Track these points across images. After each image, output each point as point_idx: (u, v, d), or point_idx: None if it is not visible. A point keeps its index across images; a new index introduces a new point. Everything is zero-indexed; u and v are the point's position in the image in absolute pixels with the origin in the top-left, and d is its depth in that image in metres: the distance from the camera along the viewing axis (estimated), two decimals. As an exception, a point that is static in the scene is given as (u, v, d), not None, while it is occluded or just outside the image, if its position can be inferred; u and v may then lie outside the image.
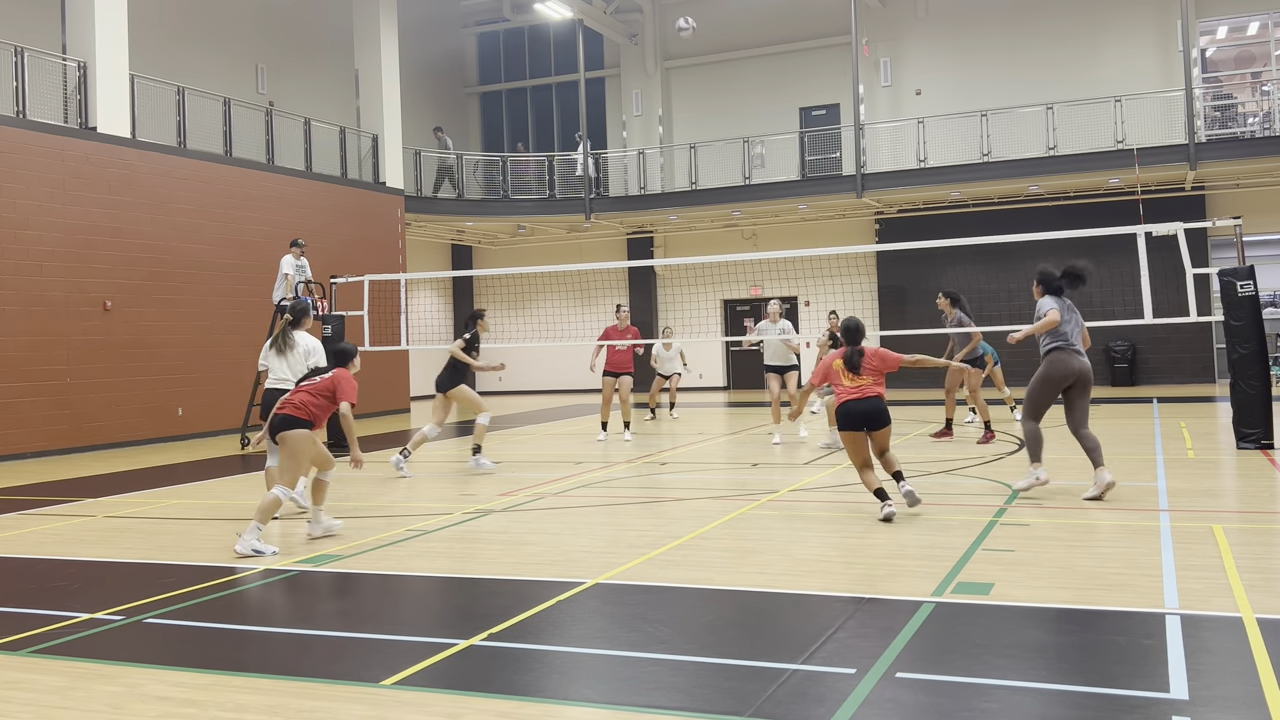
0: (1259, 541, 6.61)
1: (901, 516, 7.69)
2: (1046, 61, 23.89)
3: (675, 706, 3.98)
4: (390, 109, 23.09)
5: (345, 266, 18.53)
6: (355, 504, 9.41)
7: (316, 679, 4.44)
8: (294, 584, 6.39)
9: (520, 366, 29.83)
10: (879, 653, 4.49)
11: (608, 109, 28.75)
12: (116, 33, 16.63)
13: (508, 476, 11.05)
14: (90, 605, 5.88)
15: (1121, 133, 21.92)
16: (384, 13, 22.91)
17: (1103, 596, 5.31)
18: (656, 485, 10.15)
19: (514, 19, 29.19)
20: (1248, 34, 23.40)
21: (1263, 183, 22.24)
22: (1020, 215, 23.43)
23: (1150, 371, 23.23)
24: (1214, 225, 12.92)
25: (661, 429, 16.86)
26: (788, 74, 26.56)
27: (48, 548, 7.81)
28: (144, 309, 16.83)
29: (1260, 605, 5.02)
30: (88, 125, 16.29)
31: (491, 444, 14.64)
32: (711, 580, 5.99)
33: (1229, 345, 11.42)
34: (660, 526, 7.80)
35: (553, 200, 26.39)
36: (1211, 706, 3.78)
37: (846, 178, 23.94)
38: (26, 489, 11.38)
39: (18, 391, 14.93)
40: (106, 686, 4.43)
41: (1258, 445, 10.95)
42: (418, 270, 25.87)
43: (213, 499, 10.12)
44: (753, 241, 26.75)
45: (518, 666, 4.55)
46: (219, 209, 18.41)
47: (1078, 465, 10.31)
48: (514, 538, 7.51)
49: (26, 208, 15.20)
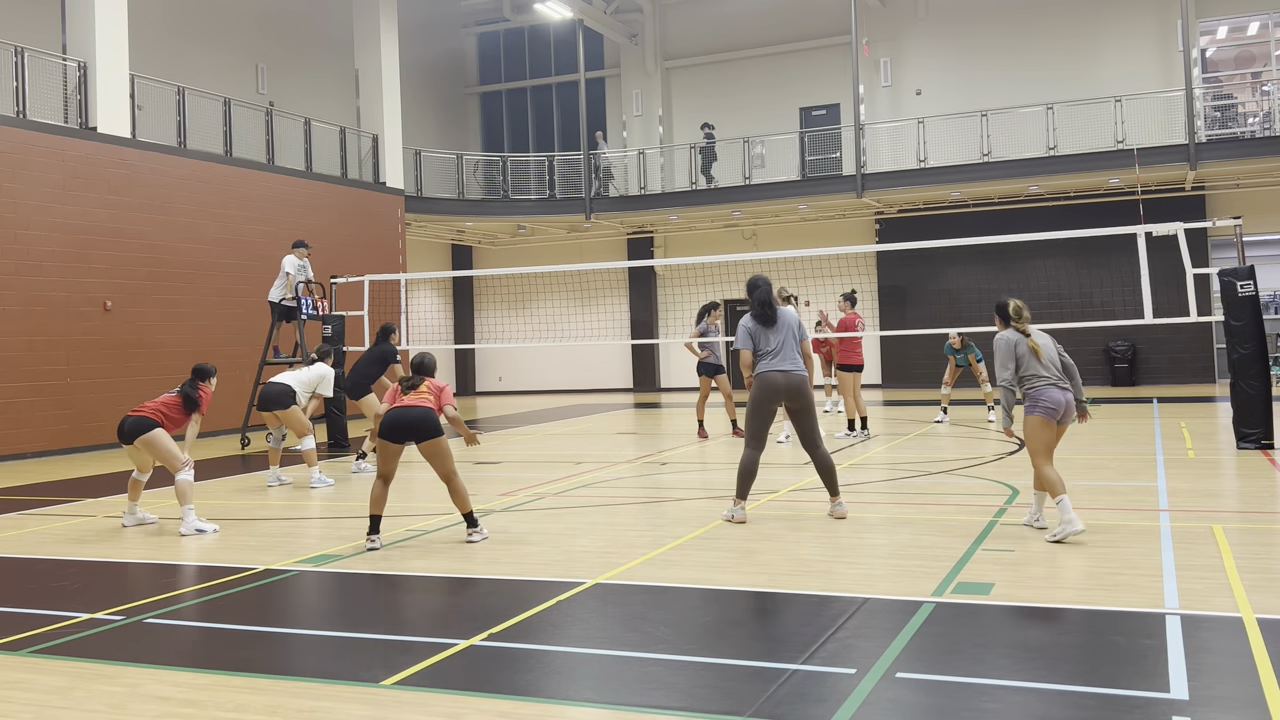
0: (1259, 541, 6.61)
1: (902, 517, 7.68)
2: (1046, 61, 23.89)
3: (675, 706, 3.98)
4: (390, 109, 23.09)
5: (345, 266, 18.54)
6: (355, 504, 9.41)
7: (316, 679, 4.44)
8: (294, 584, 6.39)
9: (520, 366, 29.85)
10: (879, 653, 4.49)
11: (608, 109, 28.75)
12: (116, 32, 16.63)
13: (508, 476, 11.05)
14: (90, 605, 5.88)
15: (1121, 133, 21.92)
16: (384, 13, 22.91)
17: (1103, 596, 5.31)
18: (656, 485, 10.15)
19: (514, 19, 29.20)
20: (1248, 34, 23.40)
21: (1263, 183, 22.24)
22: (1020, 215, 23.43)
23: (1150, 371, 23.23)
24: (1214, 225, 12.92)
25: (662, 428, 16.86)
26: (788, 74, 26.56)
27: (48, 548, 7.81)
28: (144, 309, 16.83)
29: (1260, 605, 5.02)
30: (88, 125, 16.29)
31: (492, 444, 14.63)
32: (711, 580, 5.99)
33: (1229, 345, 11.42)
34: (660, 526, 7.80)
35: (553, 200, 26.40)
36: (1211, 706, 3.78)
37: (846, 178, 23.94)
38: (26, 489, 11.38)
39: (18, 391, 14.93)
40: (106, 686, 4.43)
41: (1258, 445, 10.95)
42: (418, 270, 25.87)
43: (212, 499, 10.12)
44: (753, 241, 26.75)
45: (518, 666, 4.55)
46: (219, 209, 18.41)
47: (1078, 465, 10.32)
48: (514, 538, 7.51)
49: (27, 208, 15.20)
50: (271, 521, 8.72)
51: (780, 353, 7.73)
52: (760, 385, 7.73)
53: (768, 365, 7.70)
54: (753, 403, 7.78)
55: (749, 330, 7.80)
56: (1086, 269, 22.75)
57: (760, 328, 7.78)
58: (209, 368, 8.98)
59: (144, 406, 8.57)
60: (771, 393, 7.71)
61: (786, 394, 7.73)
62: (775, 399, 7.75)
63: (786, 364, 7.71)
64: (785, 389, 7.70)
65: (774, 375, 7.69)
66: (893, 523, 7.54)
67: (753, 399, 7.78)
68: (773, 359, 7.71)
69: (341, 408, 14.90)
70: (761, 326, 7.78)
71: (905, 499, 8.67)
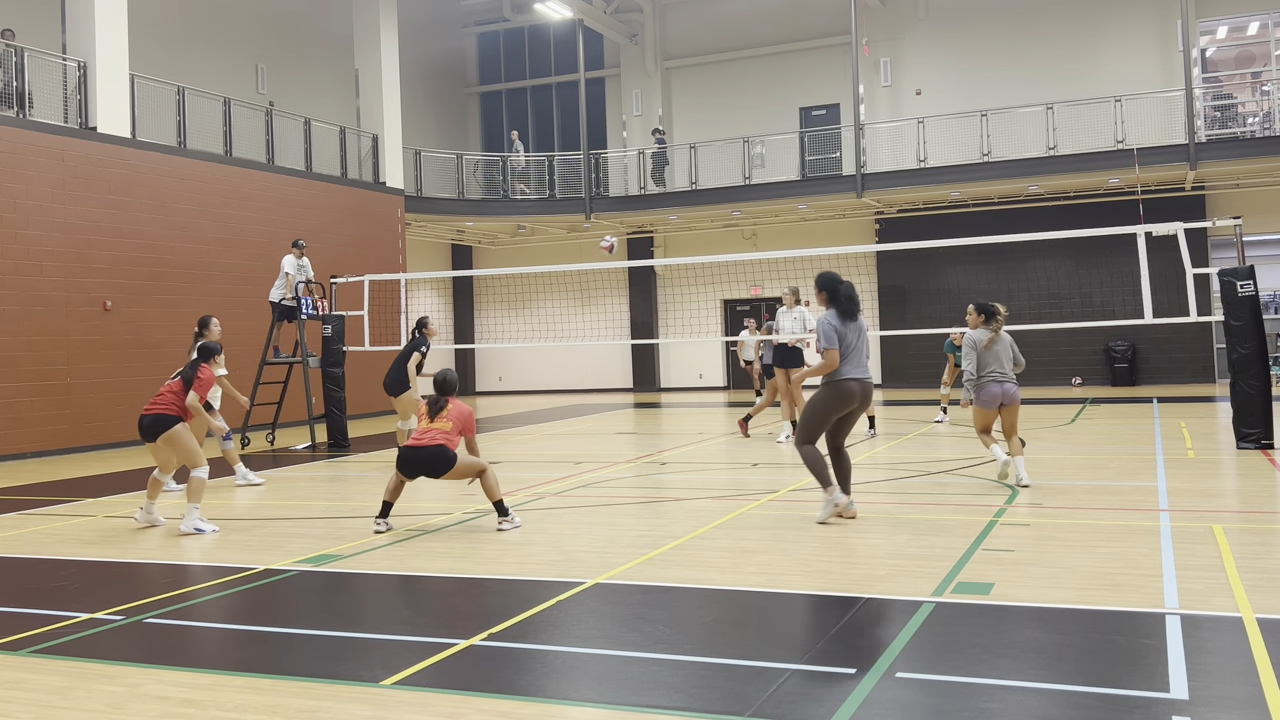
0: (1259, 541, 6.61)
1: (902, 517, 7.68)
2: (1046, 61, 23.90)
3: (675, 706, 3.98)
4: (390, 109, 23.09)
5: (345, 266, 18.54)
6: (356, 504, 9.41)
7: (316, 679, 4.44)
8: (294, 584, 6.39)
9: (520, 366, 29.86)
10: (879, 653, 4.49)
11: (608, 109, 28.76)
12: (116, 33, 16.63)
13: (508, 476, 11.05)
14: (90, 605, 5.88)
15: (1121, 133, 21.92)
16: (384, 13, 22.91)
17: (1103, 596, 5.31)
18: (656, 485, 10.15)
19: (514, 19, 29.22)
20: (1248, 34, 23.40)
21: (1263, 183, 22.24)
22: (1020, 215, 23.43)
23: (1150, 371, 23.23)
24: (1214, 225, 12.91)
25: (662, 428, 16.86)
26: (788, 74, 26.57)
27: (48, 548, 7.81)
28: (144, 309, 16.83)
29: (1260, 605, 5.02)
30: (88, 125, 16.29)
31: (492, 444, 14.63)
32: (711, 580, 5.98)
33: (1229, 345, 11.42)
34: (660, 526, 7.80)
35: (553, 200, 26.40)
36: (1211, 706, 3.78)
37: (846, 178, 23.95)
38: (26, 489, 11.38)
39: (18, 391, 14.93)
40: (106, 686, 4.43)
41: (1258, 445, 10.95)
42: (418, 270, 25.87)
43: (213, 499, 10.12)
44: (753, 241, 26.76)
45: (518, 666, 4.55)
46: (219, 209, 18.41)
47: (1078, 465, 10.33)
48: (514, 537, 7.51)
49: (27, 208, 15.20)
50: (271, 521, 8.72)
51: (856, 356, 7.53)
52: (837, 392, 7.47)
53: (846, 371, 7.46)
54: (824, 406, 7.53)
55: (836, 329, 7.49)
56: (1086, 269, 22.76)
57: (845, 326, 7.52)
58: (214, 345, 8.76)
59: (157, 400, 8.36)
60: (846, 400, 7.49)
61: (860, 401, 7.55)
62: (848, 406, 7.53)
63: (860, 370, 7.54)
64: (860, 396, 7.53)
65: (850, 384, 7.46)
66: (893, 523, 7.54)
67: (825, 402, 7.51)
68: (849, 363, 7.49)
69: (341, 408, 14.91)
70: (847, 325, 7.53)
71: (905, 499, 8.67)
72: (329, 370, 14.93)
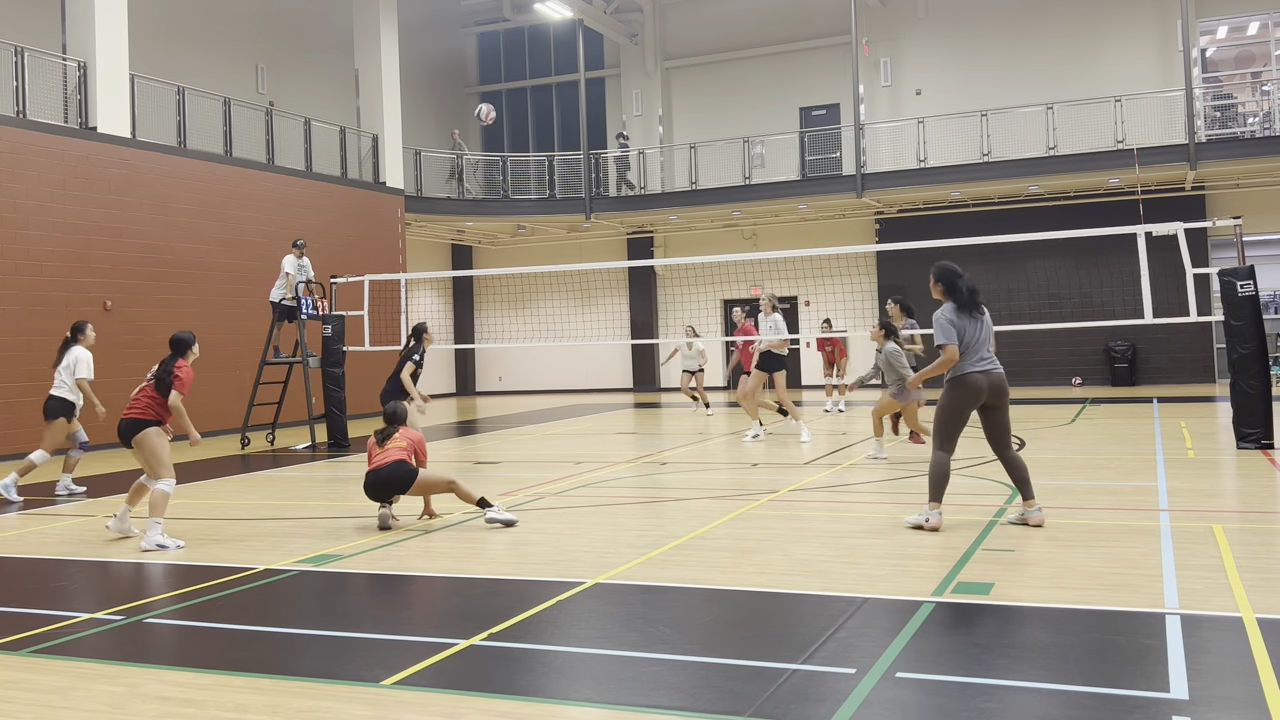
0: (1259, 541, 6.61)
1: (903, 518, 7.68)
2: (1046, 61, 23.90)
3: (675, 706, 3.98)
4: (390, 109, 23.09)
5: (345, 266, 18.53)
6: (356, 504, 9.41)
7: (316, 679, 4.44)
8: (294, 584, 6.39)
9: (520, 366, 29.85)
10: (879, 653, 4.49)
11: (608, 109, 28.76)
12: (116, 33, 16.63)
13: (508, 476, 11.05)
14: (90, 605, 5.88)
15: (1121, 133, 21.92)
16: (384, 13, 22.91)
17: (1103, 596, 5.31)
18: (656, 485, 10.15)
19: (514, 19, 29.21)
20: (1248, 34, 23.40)
21: (1263, 183, 22.24)
22: (1020, 215, 23.43)
23: (1150, 371, 23.22)
24: (1214, 225, 12.91)
25: (661, 428, 16.86)
26: (788, 74, 26.57)
27: (48, 548, 7.81)
28: (144, 309, 16.82)
29: (1260, 605, 5.02)
30: (88, 125, 16.29)
31: (492, 444, 14.64)
32: (711, 580, 5.99)
33: (1229, 345, 11.42)
34: (660, 526, 7.80)
35: (553, 200, 26.40)
36: (1211, 706, 3.78)
37: (846, 178, 23.95)
38: (27, 489, 11.38)
39: (18, 391, 14.93)
40: (106, 686, 4.43)
41: (1258, 445, 10.95)
42: (418, 270, 25.87)
43: (213, 499, 10.12)
44: (753, 241, 26.75)
45: (518, 666, 4.55)
46: (219, 209, 18.40)
47: (1078, 465, 10.33)
48: (514, 538, 7.51)
49: (27, 208, 15.20)
50: (271, 521, 8.72)
51: (980, 349, 7.13)
52: (963, 389, 7.09)
53: (969, 365, 7.08)
54: (952, 405, 7.17)
55: (952, 322, 7.11)
56: (1086, 269, 22.75)
57: (965, 320, 7.14)
58: (187, 336, 8.14)
59: (134, 403, 7.98)
60: (975, 396, 7.10)
61: (990, 394, 7.14)
62: (978, 402, 7.15)
63: (987, 362, 7.13)
64: (989, 390, 7.12)
65: (977, 377, 7.07)
66: (893, 523, 7.54)
67: (953, 400, 7.16)
68: (973, 357, 7.10)
69: (341, 408, 14.91)
70: (967, 318, 7.16)
71: (905, 499, 8.67)
72: (329, 370, 14.93)
